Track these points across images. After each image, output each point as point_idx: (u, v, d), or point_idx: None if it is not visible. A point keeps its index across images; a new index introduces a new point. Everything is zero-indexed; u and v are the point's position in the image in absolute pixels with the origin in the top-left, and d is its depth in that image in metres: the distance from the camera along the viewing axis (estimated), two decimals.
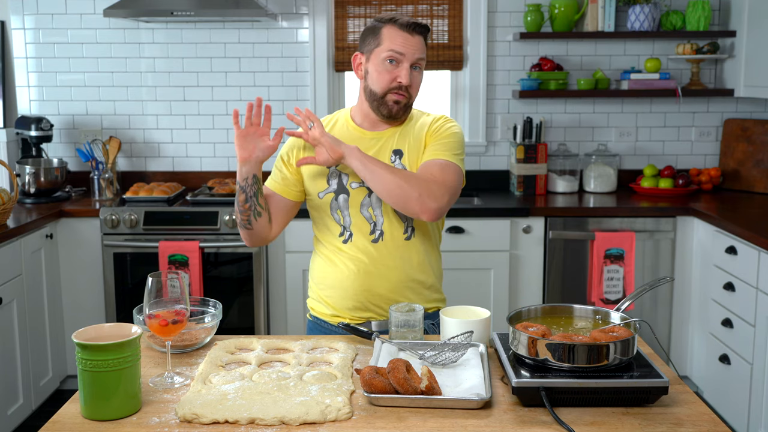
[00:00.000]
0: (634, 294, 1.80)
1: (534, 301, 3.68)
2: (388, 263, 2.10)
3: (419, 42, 2.06)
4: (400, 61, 2.04)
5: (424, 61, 2.09)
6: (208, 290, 3.59)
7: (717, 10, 4.05)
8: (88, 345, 1.48)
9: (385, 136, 2.13)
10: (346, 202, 2.10)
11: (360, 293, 2.11)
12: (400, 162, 2.10)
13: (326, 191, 2.11)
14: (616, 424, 1.47)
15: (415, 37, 2.05)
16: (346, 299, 2.12)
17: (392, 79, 2.05)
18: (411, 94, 2.08)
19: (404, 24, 2.04)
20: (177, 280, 1.66)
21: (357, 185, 2.09)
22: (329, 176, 2.11)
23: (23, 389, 3.34)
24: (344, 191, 2.10)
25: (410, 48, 2.04)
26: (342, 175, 2.10)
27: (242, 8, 3.65)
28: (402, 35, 2.04)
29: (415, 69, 2.07)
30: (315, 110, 4.10)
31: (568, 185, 4.04)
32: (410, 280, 2.12)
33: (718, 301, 3.35)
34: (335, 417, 1.48)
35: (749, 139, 4.03)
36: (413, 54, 2.04)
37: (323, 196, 2.11)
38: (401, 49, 2.04)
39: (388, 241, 2.10)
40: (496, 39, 4.09)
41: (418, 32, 2.05)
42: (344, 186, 2.10)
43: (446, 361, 1.69)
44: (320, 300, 2.19)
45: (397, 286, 2.11)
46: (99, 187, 3.92)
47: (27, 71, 4.13)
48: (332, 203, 2.11)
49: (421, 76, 2.10)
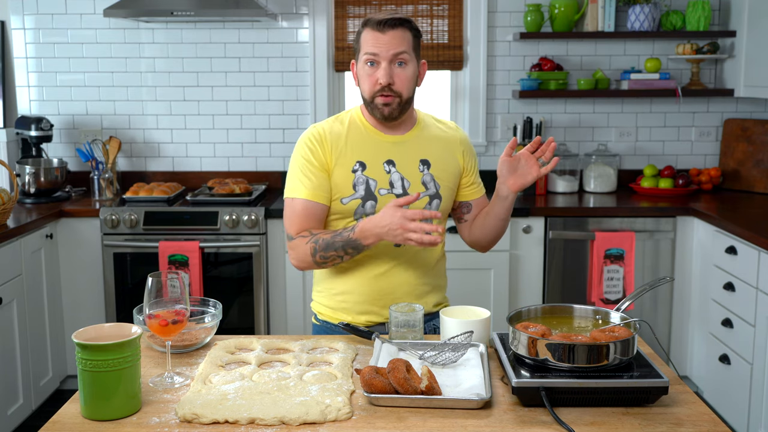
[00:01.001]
0: (634, 294, 1.80)
1: (534, 301, 3.68)
2: (405, 267, 2.09)
3: (395, 37, 1.98)
4: (378, 62, 2.00)
5: (408, 54, 2.01)
6: (208, 290, 3.59)
7: (717, 10, 4.05)
8: (88, 345, 1.48)
9: (406, 141, 2.10)
10: (373, 208, 2.05)
11: (375, 297, 2.08)
12: (429, 172, 2.08)
13: (352, 197, 2.05)
14: (616, 424, 1.47)
15: (387, 33, 1.98)
16: (362, 304, 2.09)
17: (374, 82, 2.01)
18: (398, 91, 2.01)
19: (375, 23, 1.99)
20: (177, 280, 1.66)
21: (386, 191, 2.05)
22: (356, 182, 2.05)
23: (23, 389, 3.34)
24: (372, 198, 2.05)
25: (383, 46, 1.98)
26: (369, 180, 2.05)
27: (242, 8, 3.65)
28: (374, 35, 1.99)
29: (399, 65, 2.00)
30: (315, 110, 4.10)
31: (568, 185, 4.04)
32: (426, 284, 2.12)
33: (718, 301, 3.35)
34: (335, 417, 1.48)
35: (749, 139, 4.03)
36: (388, 51, 1.98)
37: (347, 202, 2.05)
38: (374, 50, 1.99)
39: (409, 246, 2.06)
40: (496, 39, 4.09)
41: (391, 27, 1.98)
42: (372, 192, 2.05)
43: (446, 361, 1.69)
44: (330, 306, 2.14)
45: (416, 289, 2.10)
46: (99, 187, 3.92)
47: (27, 71, 4.13)
48: (358, 209, 2.05)
49: (409, 70, 2.02)
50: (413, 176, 2.08)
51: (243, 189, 3.79)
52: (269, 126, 4.15)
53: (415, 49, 2.04)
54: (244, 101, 4.13)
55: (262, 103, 4.13)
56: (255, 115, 4.15)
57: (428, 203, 2.09)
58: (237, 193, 3.75)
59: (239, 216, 3.58)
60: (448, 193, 2.13)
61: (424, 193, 2.08)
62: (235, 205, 3.64)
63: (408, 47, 2.01)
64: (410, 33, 2.02)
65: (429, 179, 2.09)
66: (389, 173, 2.07)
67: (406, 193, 2.06)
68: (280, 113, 4.13)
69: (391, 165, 2.07)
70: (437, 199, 2.10)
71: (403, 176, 2.07)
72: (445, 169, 2.12)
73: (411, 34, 2.03)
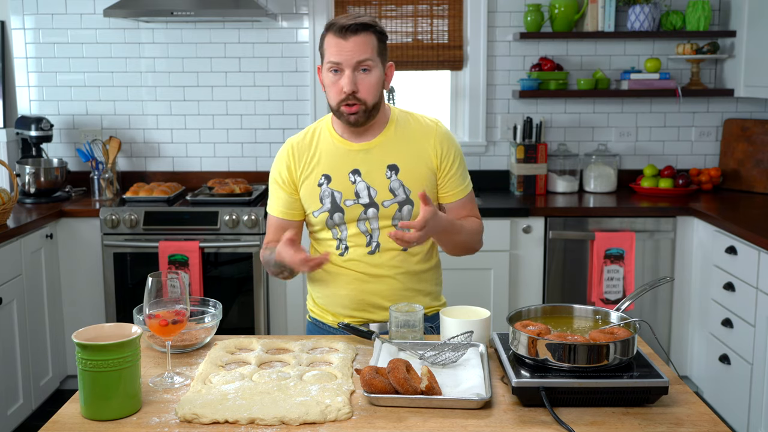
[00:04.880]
0: (634, 294, 1.80)
1: (534, 301, 3.68)
2: (385, 273, 2.08)
3: (358, 43, 1.93)
4: (341, 70, 1.95)
5: (373, 60, 1.96)
6: (208, 290, 3.59)
7: (717, 10, 4.05)
8: (88, 345, 1.48)
9: (373, 147, 2.07)
10: (341, 218, 2.07)
11: (356, 303, 2.10)
12: (397, 178, 2.04)
13: (321, 210, 2.07)
14: (616, 424, 1.47)
15: (350, 40, 1.93)
16: (343, 308, 2.12)
17: (339, 91, 1.97)
18: (363, 99, 1.97)
19: (338, 29, 1.94)
20: (177, 280, 1.66)
21: (352, 203, 2.06)
22: (321, 195, 2.07)
23: (23, 389, 3.34)
24: (338, 210, 2.06)
25: (346, 54, 1.93)
26: (334, 192, 2.06)
27: (242, 8, 3.65)
28: (336, 42, 1.94)
29: (364, 71, 1.96)
30: (315, 110, 4.10)
31: (568, 185, 4.04)
32: (407, 289, 2.11)
33: (718, 301, 3.35)
34: (335, 417, 1.48)
35: (749, 139, 4.03)
36: (351, 58, 1.93)
37: (318, 215, 2.08)
38: (336, 58, 1.94)
39: (385, 252, 2.07)
40: (496, 39, 4.09)
41: (353, 33, 1.93)
42: (338, 204, 2.06)
43: (446, 361, 1.69)
44: (318, 305, 2.19)
45: (394, 295, 2.09)
46: (99, 187, 3.92)
47: (27, 71, 4.13)
48: (327, 221, 2.08)
49: (374, 76, 1.97)
50: (380, 184, 2.05)
51: (243, 189, 3.79)
52: (269, 126, 4.15)
53: (380, 54, 2.00)
54: (244, 101, 4.13)
55: (262, 103, 4.13)
56: (255, 115, 4.15)
57: (398, 210, 2.05)
58: (237, 193, 3.75)
59: (239, 216, 3.58)
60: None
61: (392, 200, 2.05)
62: (235, 205, 3.64)
63: (372, 53, 1.96)
64: (374, 36, 1.97)
65: (397, 185, 2.05)
66: (354, 183, 2.05)
67: (373, 202, 2.05)
68: (280, 113, 4.13)
69: (356, 175, 2.05)
70: (408, 204, 2.06)
71: (369, 185, 2.05)
72: (415, 171, 2.06)
73: (375, 38, 1.97)
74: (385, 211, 2.05)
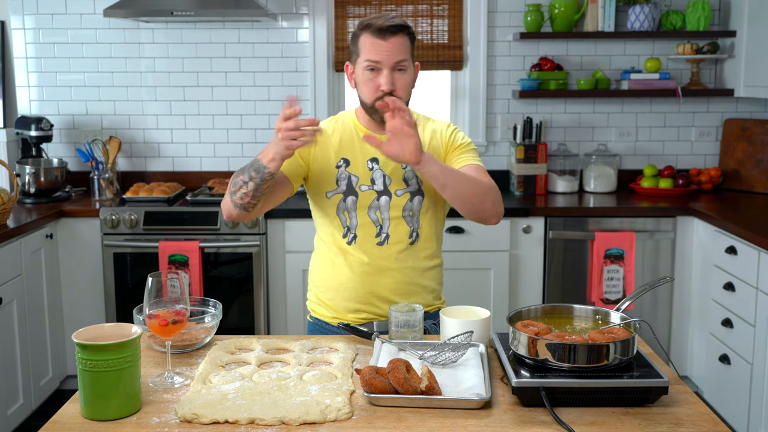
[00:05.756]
0: (634, 294, 1.81)
1: (534, 301, 3.68)
2: (391, 266, 2.11)
3: (396, 44, 2.01)
4: (379, 69, 2.02)
5: (408, 61, 2.04)
6: (208, 290, 3.59)
7: (717, 10, 4.05)
8: (88, 345, 1.48)
9: None
10: (354, 204, 2.10)
11: (362, 295, 2.12)
12: (411, 168, 2.09)
13: (335, 192, 2.11)
14: (616, 424, 1.47)
15: (389, 40, 2.00)
16: (348, 301, 2.13)
17: (375, 88, 2.03)
18: (399, 97, 2.03)
19: (377, 30, 2.00)
20: (177, 280, 1.66)
21: (366, 188, 2.10)
22: (338, 177, 2.10)
23: (23, 389, 3.34)
24: (353, 193, 2.10)
25: (385, 54, 2.00)
26: (351, 176, 2.10)
27: (242, 8, 3.65)
28: (376, 42, 2.01)
29: (400, 71, 2.03)
30: (315, 110, 4.10)
31: (568, 185, 4.04)
32: (412, 283, 2.13)
33: (718, 301, 3.35)
34: (335, 417, 1.48)
35: (749, 139, 4.03)
36: (390, 59, 2.00)
37: (331, 196, 2.11)
38: (376, 57, 2.01)
39: (393, 245, 2.11)
40: (496, 39, 4.09)
41: (392, 34, 2.00)
42: (353, 188, 2.10)
43: (446, 361, 1.69)
44: (320, 302, 2.20)
45: (399, 288, 2.12)
46: (99, 187, 3.92)
47: (27, 71, 4.13)
48: (339, 204, 2.11)
49: (408, 75, 2.06)
50: (395, 173, 2.11)
51: None
52: (269, 126, 4.15)
53: (412, 54, 2.08)
54: (244, 101, 4.13)
55: (262, 103, 4.13)
56: (255, 115, 4.15)
57: (409, 199, 2.11)
58: None
59: None
60: (434, 190, 2.11)
61: (405, 190, 2.10)
62: None
63: (407, 54, 2.05)
64: (408, 38, 2.05)
65: (411, 175, 2.11)
66: (372, 170, 2.11)
67: (387, 190, 2.10)
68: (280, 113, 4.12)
69: (374, 162, 2.11)
70: (419, 195, 2.11)
71: (385, 173, 2.11)
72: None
73: (409, 39, 2.05)
74: (396, 200, 2.10)
